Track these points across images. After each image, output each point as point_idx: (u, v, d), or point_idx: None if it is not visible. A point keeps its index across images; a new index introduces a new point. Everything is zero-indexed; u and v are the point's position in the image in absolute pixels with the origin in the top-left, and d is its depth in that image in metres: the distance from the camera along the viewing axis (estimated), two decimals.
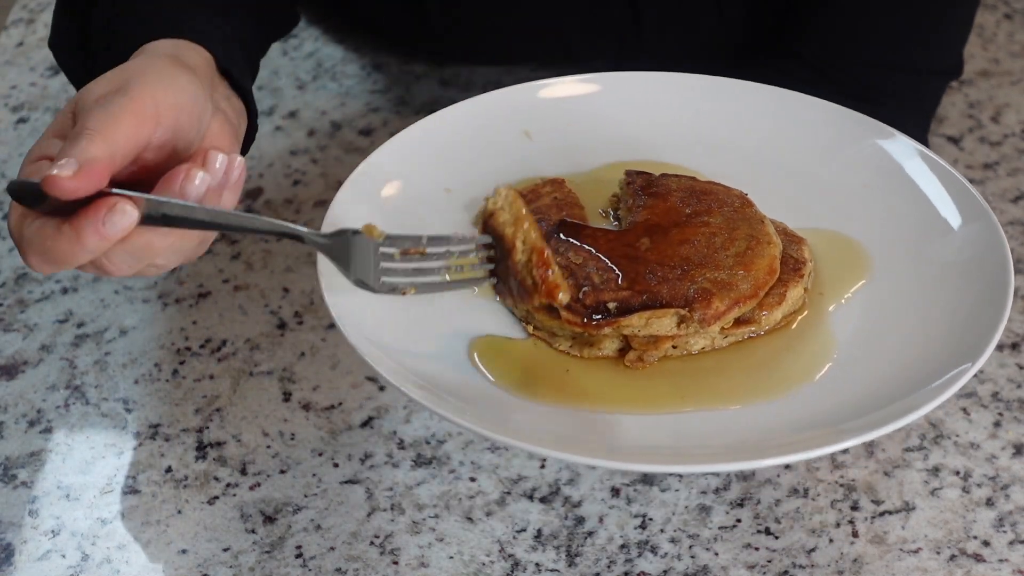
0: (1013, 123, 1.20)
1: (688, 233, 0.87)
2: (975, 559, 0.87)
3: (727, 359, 0.84)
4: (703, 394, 0.82)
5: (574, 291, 0.83)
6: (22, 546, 0.89)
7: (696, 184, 0.91)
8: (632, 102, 0.98)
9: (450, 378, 0.82)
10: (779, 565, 0.86)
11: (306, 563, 0.87)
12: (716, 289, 0.83)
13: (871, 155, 0.94)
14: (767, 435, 0.79)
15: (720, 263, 0.85)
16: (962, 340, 0.81)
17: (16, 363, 1.01)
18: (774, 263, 0.86)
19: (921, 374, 0.80)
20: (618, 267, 0.85)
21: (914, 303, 0.86)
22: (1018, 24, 1.33)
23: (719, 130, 0.97)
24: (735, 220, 0.88)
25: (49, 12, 1.36)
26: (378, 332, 0.82)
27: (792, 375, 0.83)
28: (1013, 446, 0.93)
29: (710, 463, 0.78)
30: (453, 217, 0.92)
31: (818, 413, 0.80)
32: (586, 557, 0.87)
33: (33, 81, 1.27)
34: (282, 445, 0.94)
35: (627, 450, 0.80)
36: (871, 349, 0.84)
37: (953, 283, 0.85)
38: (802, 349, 0.85)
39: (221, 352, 1.01)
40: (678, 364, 0.84)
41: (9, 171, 1.17)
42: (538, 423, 0.80)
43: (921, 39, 1.09)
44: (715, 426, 0.80)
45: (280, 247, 1.09)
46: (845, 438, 0.76)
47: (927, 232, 0.89)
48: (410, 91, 1.24)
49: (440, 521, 0.89)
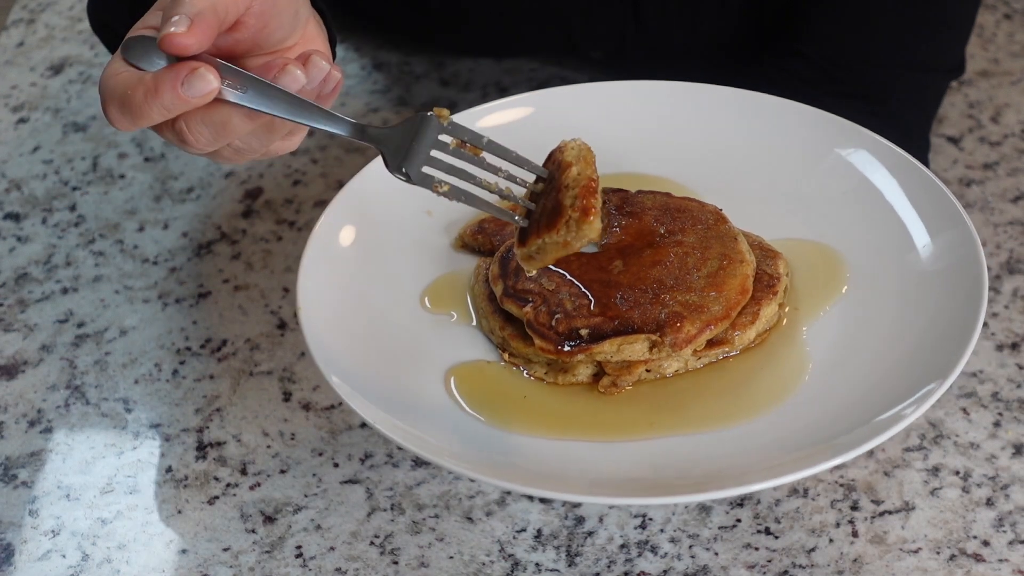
0: (1013, 123, 1.20)
1: (660, 255, 0.87)
2: (975, 559, 0.87)
3: (702, 381, 0.84)
4: (675, 419, 0.82)
5: (547, 318, 0.84)
6: (22, 546, 0.89)
7: (671, 201, 0.91)
8: (611, 113, 0.98)
9: (425, 407, 0.82)
10: (779, 565, 0.86)
11: (306, 563, 0.87)
12: (687, 312, 0.83)
13: (850, 162, 0.93)
14: (743, 460, 0.79)
15: (692, 285, 0.85)
16: (934, 356, 0.81)
17: (16, 363, 1.01)
18: (746, 282, 0.86)
19: (894, 392, 0.80)
20: (590, 292, 0.85)
21: (889, 315, 0.85)
22: (1018, 24, 1.33)
23: (697, 139, 0.97)
24: (708, 239, 0.88)
25: (49, 12, 1.36)
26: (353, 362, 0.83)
27: (766, 395, 0.83)
28: (1013, 446, 0.93)
29: (690, 493, 0.78)
30: (432, 240, 0.92)
31: (790, 434, 0.80)
32: (586, 557, 0.87)
33: (33, 81, 1.27)
34: (282, 445, 0.94)
35: (606, 484, 0.80)
36: (845, 366, 0.84)
37: (929, 294, 0.85)
38: (777, 368, 0.85)
39: (221, 352, 1.01)
40: (653, 388, 0.84)
41: (9, 171, 1.17)
42: (514, 456, 0.80)
43: (924, 37, 1.09)
44: (691, 452, 0.81)
45: (280, 247, 1.09)
46: (816, 461, 0.76)
47: (905, 241, 0.89)
48: (410, 91, 1.24)
49: (440, 521, 0.89)
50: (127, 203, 1.14)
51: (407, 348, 0.86)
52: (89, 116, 1.23)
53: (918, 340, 0.83)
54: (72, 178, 1.16)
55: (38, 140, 1.21)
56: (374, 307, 0.89)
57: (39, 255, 1.09)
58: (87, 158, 1.18)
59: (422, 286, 0.92)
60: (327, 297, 0.87)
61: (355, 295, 0.88)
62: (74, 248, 1.10)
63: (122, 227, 1.11)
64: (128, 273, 1.07)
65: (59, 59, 1.30)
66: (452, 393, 0.84)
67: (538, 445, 0.82)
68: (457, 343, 0.87)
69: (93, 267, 1.08)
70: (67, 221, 1.12)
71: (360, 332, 0.86)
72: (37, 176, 1.17)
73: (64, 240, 1.10)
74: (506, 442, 0.81)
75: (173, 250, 1.09)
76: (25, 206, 1.14)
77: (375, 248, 0.85)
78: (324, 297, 0.86)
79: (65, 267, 1.08)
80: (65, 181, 1.16)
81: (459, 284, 0.92)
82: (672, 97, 0.98)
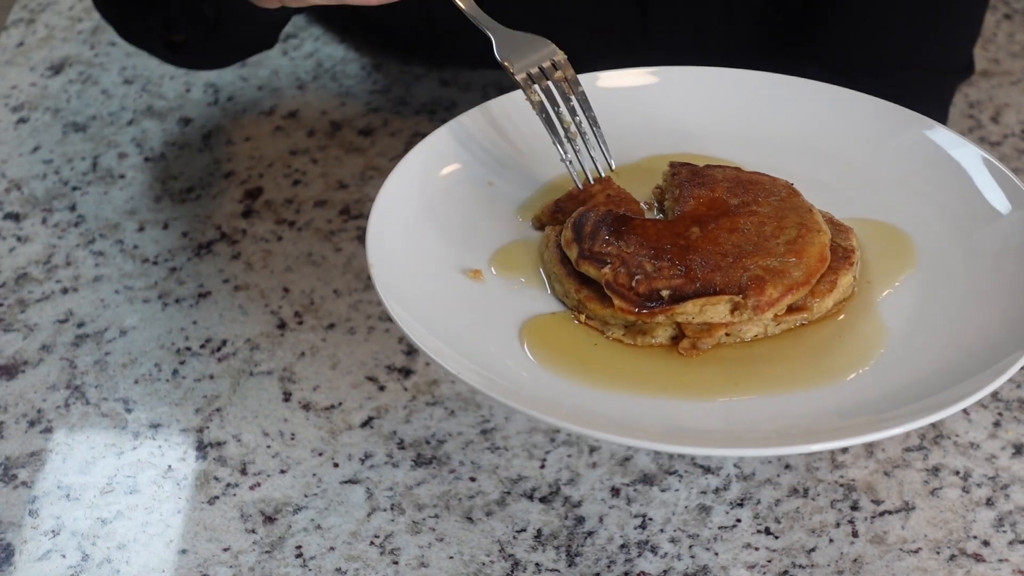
0: (1013, 123, 1.20)
1: (737, 222, 0.87)
2: (975, 559, 0.87)
3: (779, 346, 0.84)
4: (756, 381, 0.82)
5: (626, 279, 0.83)
6: (22, 546, 0.89)
7: (741, 174, 0.91)
8: (680, 96, 0.99)
9: (499, 360, 0.82)
10: (779, 565, 0.86)
11: (306, 563, 0.87)
12: (769, 276, 0.83)
13: (914, 145, 0.94)
14: (820, 420, 0.79)
15: (771, 251, 0.85)
16: (1014, 325, 0.81)
17: (16, 363, 1.01)
18: (825, 251, 0.86)
19: (974, 360, 0.80)
20: (670, 255, 0.85)
21: (963, 290, 0.86)
22: (1018, 24, 1.33)
23: (763, 124, 0.98)
24: (783, 209, 0.88)
25: (49, 12, 1.36)
26: (427, 312, 0.83)
27: (845, 362, 0.83)
28: (1013, 446, 0.93)
29: (764, 447, 0.78)
30: (497, 208, 0.92)
31: (871, 399, 0.80)
32: (586, 557, 0.87)
33: (33, 81, 1.27)
34: (282, 445, 0.94)
35: (681, 433, 0.79)
36: (922, 336, 0.84)
37: (1002, 270, 0.85)
38: (853, 336, 0.85)
39: (221, 352, 1.01)
40: (731, 352, 0.84)
41: (9, 171, 1.17)
42: (590, 407, 0.80)
43: (937, 38, 1.10)
44: (767, 412, 0.80)
45: (280, 247, 1.09)
46: (896, 424, 0.76)
47: (973, 220, 0.89)
48: (410, 91, 1.24)
49: (440, 521, 0.89)
50: (127, 203, 1.14)
51: (481, 303, 0.86)
52: (89, 116, 1.23)
53: (992, 313, 0.83)
54: (72, 178, 1.16)
55: (38, 140, 1.21)
56: (442, 272, 0.88)
57: (39, 255, 1.09)
58: (87, 158, 1.18)
59: (488, 253, 0.91)
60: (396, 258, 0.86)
61: (424, 257, 0.88)
62: (74, 248, 1.10)
63: (122, 227, 1.11)
64: (128, 273, 1.07)
65: (59, 59, 1.30)
66: (526, 348, 0.84)
67: (614, 400, 0.81)
68: (531, 303, 0.87)
69: (93, 267, 1.08)
70: (67, 221, 1.12)
71: (431, 291, 0.86)
72: (37, 176, 1.17)
73: (64, 240, 1.10)
74: (579, 393, 0.81)
75: (173, 250, 1.09)
76: (25, 206, 1.14)
77: (438, 220, 0.85)
78: (393, 258, 0.86)
79: (65, 267, 1.08)
80: (65, 181, 1.16)
81: (525, 251, 0.91)
82: (740, 84, 0.99)
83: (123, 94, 1.25)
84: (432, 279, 0.87)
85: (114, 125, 1.22)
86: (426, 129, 1.18)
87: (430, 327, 0.82)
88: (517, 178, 0.94)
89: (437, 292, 0.86)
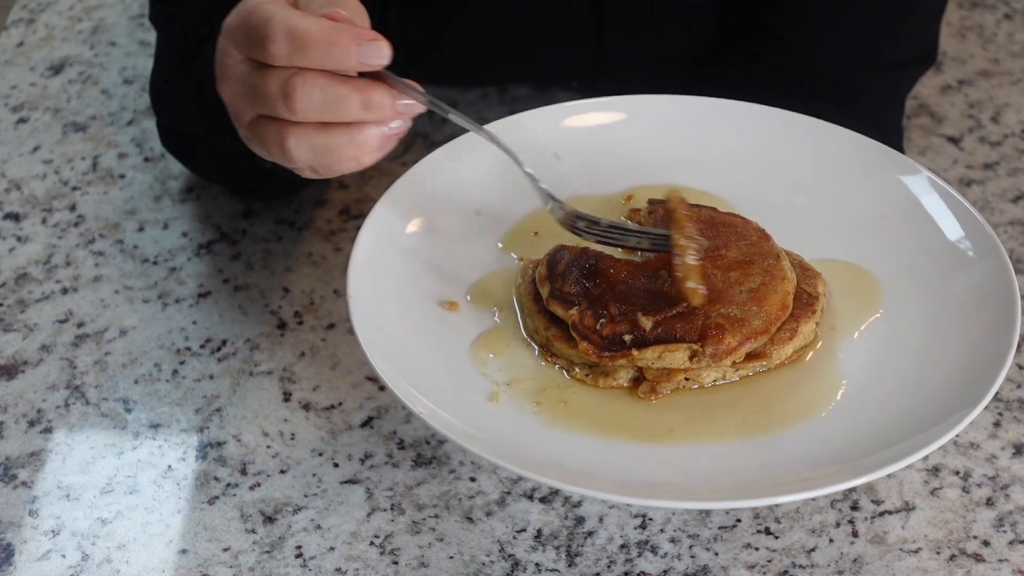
0: (1013, 123, 1.20)
1: (705, 268, 0.87)
2: (975, 559, 0.87)
3: (737, 393, 0.85)
4: (713, 427, 0.83)
5: (592, 321, 0.84)
6: (22, 546, 0.89)
7: (716, 216, 0.92)
8: (660, 126, 0.99)
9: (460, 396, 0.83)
10: (779, 565, 0.86)
11: (306, 563, 0.87)
12: (729, 325, 0.84)
13: (891, 188, 0.94)
14: (772, 471, 0.80)
15: (734, 299, 0.86)
16: (965, 383, 0.81)
17: (16, 363, 1.01)
18: (787, 299, 0.86)
19: (922, 416, 0.80)
20: (636, 299, 0.85)
21: (922, 340, 0.86)
22: (1018, 24, 1.33)
23: (743, 156, 0.98)
24: (751, 255, 0.88)
25: (49, 12, 1.36)
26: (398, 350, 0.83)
27: (800, 410, 0.84)
28: (1013, 446, 0.93)
29: (718, 500, 0.78)
30: (482, 240, 0.92)
31: (821, 450, 0.81)
32: (586, 557, 0.87)
33: (33, 81, 1.27)
34: (282, 445, 0.94)
35: (636, 486, 0.80)
36: (876, 387, 0.84)
37: (962, 320, 0.85)
38: (810, 384, 0.85)
39: (221, 352, 1.01)
40: (690, 396, 0.85)
41: (9, 171, 1.17)
42: (548, 452, 0.80)
43: (891, 35, 1.08)
44: (723, 462, 0.81)
45: (280, 247, 1.09)
46: (842, 478, 0.77)
47: (941, 267, 0.89)
48: None
49: (440, 521, 0.89)
50: (127, 203, 1.14)
51: (445, 339, 0.86)
52: (89, 116, 1.23)
53: (950, 366, 0.83)
54: (72, 178, 1.16)
55: (38, 140, 1.21)
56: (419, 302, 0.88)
57: (39, 255, 1.09)
58: (87, 158, 1.18)
59: (469, 283, 0.91)
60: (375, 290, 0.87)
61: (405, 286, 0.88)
62: (74, 248, 1.10)
63: (122, 227, 1.11)
64: (128, 273, 1.07)
65: (59, 59, 1.30)
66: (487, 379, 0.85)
67: (571, 441, 0.82)
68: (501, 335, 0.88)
69: (93, 267, 1.08)
70: (67, 221, 1.12)
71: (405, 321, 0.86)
72: (37, 176, 1.17)
73: (64, 240, 1.10)
74: (539, 436, 0.81)
75: (173, 250, 1.09)
76: (25, 206, 1.14)
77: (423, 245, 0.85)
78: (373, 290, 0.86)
79: (65, 267, 1.08)
80: (65, 181, 1.16)
81: (503, 282, 0.92)
82: (718, 114, 0.99)
83: (123, 94, 1.25)
84: (409, 310, 0.87)
85: (114, 125, 1.22)
86: (426, 129, 1.18)
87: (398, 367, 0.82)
88: (503, 205, 0.94)
89: (410, 324, 0.86)
